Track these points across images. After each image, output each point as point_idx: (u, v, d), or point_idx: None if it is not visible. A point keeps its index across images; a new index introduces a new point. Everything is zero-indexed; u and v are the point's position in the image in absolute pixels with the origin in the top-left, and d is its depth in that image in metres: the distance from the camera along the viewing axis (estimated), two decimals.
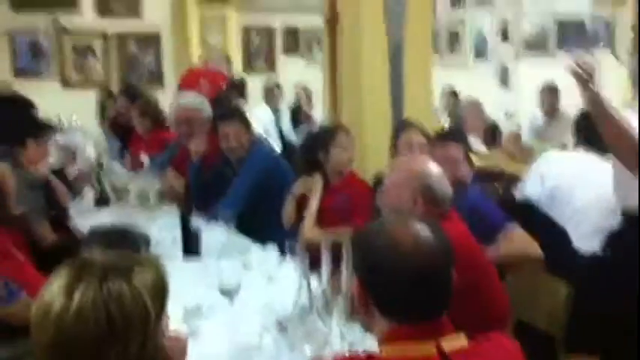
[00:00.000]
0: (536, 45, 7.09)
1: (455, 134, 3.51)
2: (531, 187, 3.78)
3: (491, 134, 6.54)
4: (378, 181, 3.61)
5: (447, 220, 2.34)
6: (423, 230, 1.49)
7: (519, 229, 2.95)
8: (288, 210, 3.57)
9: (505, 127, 6.76)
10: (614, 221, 3.28)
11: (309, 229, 3.35)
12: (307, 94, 7.40)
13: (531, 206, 3.73)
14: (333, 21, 4.59)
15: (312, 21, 7.12)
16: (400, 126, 3.68)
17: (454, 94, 7.40)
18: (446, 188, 2.41)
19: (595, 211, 3.59)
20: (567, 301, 2.79)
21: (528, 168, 3.99)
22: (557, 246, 3.64)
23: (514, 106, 7.23)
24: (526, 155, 4.90)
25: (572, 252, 3.61)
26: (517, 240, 2.91)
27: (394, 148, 3.53)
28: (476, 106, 5.37)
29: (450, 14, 8.08)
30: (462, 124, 4.73)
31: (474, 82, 7.69)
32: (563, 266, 3.07)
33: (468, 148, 3.42)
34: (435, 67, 8.16)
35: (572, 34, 6.76)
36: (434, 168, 2.45)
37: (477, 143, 4.91)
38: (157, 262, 1.39)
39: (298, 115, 7.30)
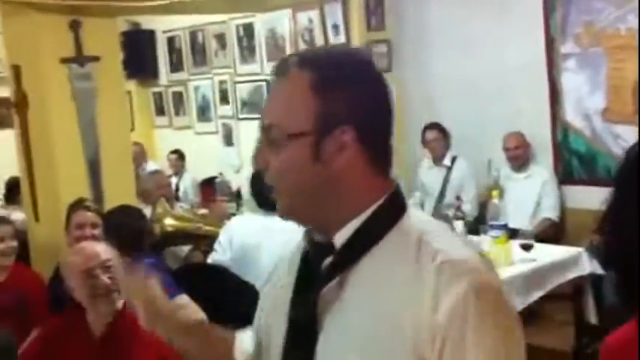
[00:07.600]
0: (251, 104, 7.45)
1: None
2: (221, 251, 3.96)
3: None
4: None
5: None
6: None
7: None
8: None
9: (234, 182, 6.98)
10: None
11: None
12: None
13: (222, 269, 3.89)
14: (21, 100, 4.50)
15: None
16: (71, 207, 3.66)
17: (181, 156, 7.53)
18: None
19: None
20: None
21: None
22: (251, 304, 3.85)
23: (238, 162, 7.51)
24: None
25: None
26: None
27: (67, 228, 3.53)
28: (160, 175, 5.55)
29: (172, 78, 8.26)
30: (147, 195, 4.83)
31: (200, 142, 7.91)
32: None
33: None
34: (164, 130, 8.42)
35: None
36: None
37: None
38: None
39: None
